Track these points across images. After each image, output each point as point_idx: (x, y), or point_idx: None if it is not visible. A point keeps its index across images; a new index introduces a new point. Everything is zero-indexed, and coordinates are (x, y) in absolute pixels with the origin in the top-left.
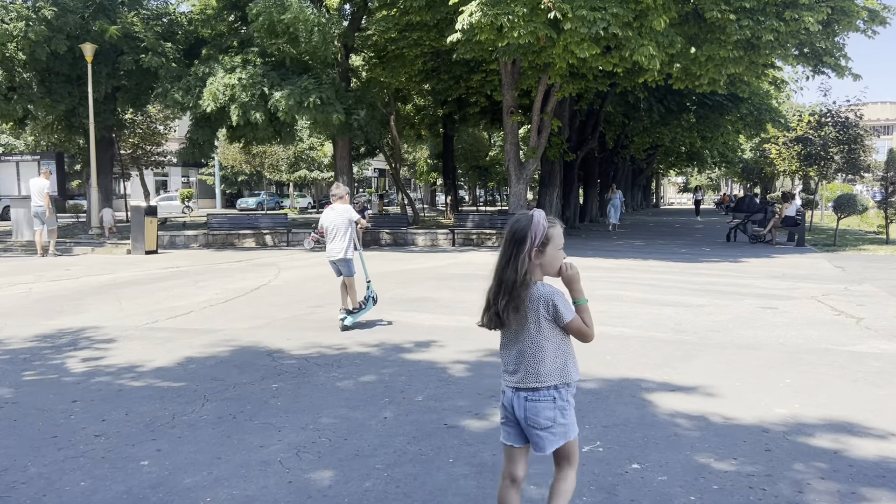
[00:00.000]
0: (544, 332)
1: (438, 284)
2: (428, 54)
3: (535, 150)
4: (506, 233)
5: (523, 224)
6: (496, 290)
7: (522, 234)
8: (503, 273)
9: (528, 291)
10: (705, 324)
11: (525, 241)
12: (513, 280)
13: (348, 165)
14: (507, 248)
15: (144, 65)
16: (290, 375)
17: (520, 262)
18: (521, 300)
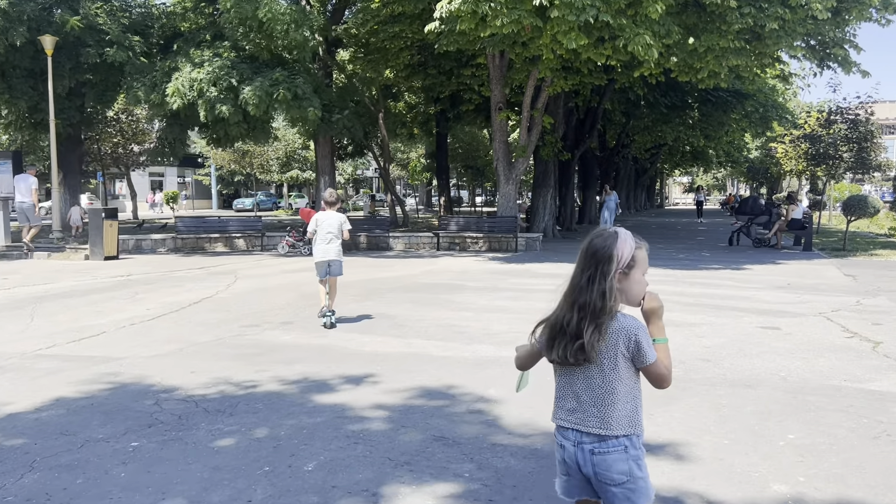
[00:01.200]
0: (619, 372)
1: (402, 297)
2: (412, 47)
3: (526, 148)
4: (585, 248)
5: (608, 241)
6: (577, 316)
7: (608, 253)
8: (583, 296)
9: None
10: (695, 350)
11: (611, 260)
12: (598, 307)
13: (330, 165)
14: (587, 267)
15: (109, 59)
16: (163, 427)
17: (607, 286)
18: (605, 331)
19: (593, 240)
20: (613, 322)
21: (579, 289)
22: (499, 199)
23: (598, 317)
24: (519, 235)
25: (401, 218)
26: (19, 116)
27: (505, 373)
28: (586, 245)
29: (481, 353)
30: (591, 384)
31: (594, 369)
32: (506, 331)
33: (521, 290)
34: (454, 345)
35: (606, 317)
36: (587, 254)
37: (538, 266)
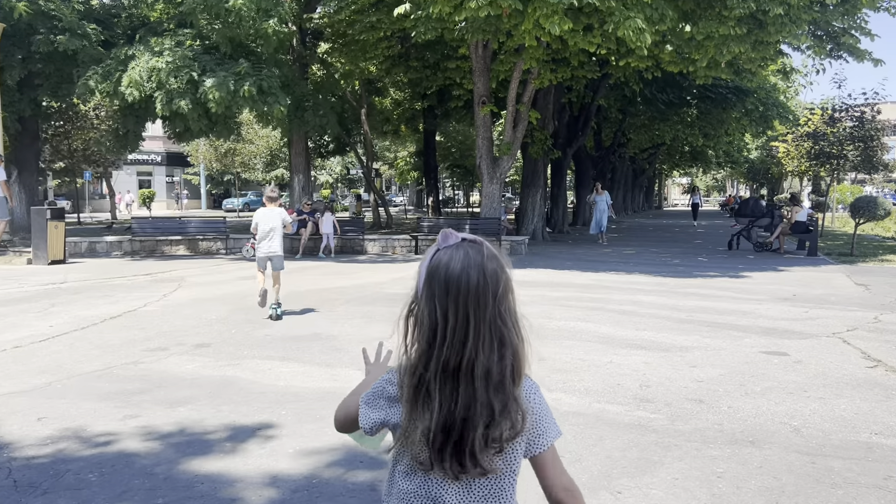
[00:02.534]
0: (512, 468)
1: (355, 311)
2: (392, 38)
3: (511, 145)
4: (450, 285)
5: (491, 266)
6: (460, 405)
7: (494, 282)
8: (467, 364)
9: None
10: (685, 385)
11: (507, 293)
12: (497, 379)
13: (305, 163)
14: (465, 312)
15: (60, 47)
16: None
17: (515, 341)
18: (518, 419)
19: (458, 266)
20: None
21: (454, 354)
22: (482, 200)
23: (504, 400)
24: (503, 238)
25: (384, 219)
26: None
27: None
28: (444, 275)
29: None
30: (471, 495)
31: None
32: None
33: None
34: None
35: (515, 392)
36: (461, 289)
37: (519, 273)
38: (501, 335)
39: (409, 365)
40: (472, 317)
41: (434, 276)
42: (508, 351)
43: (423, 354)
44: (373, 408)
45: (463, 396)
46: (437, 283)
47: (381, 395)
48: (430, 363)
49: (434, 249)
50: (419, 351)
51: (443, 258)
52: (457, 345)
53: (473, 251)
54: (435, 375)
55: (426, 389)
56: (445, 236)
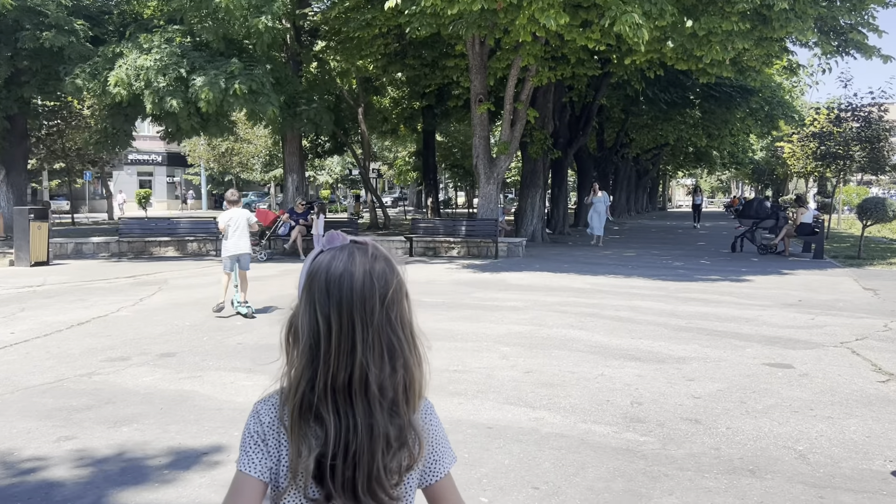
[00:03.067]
0: (408, 501)
1: None
2: (388, 35)
3: (508, 144)
4: (331, 287)
5: (378, 266)
6: (356, 429)
7: (382, 284)
8: (359, 378)
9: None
10: (681, 402)
11: (399, 298)
12: (391, 397)
13: (299, 163)
14: (350, 318)
15: (46, 43)
16: None
17: (407, 353)
18: (416, 448)
19: (340, 270)
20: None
21: (337, 368)
22: (479, 200)
23: (398, 416)
24: (500, 240)
25: (381, 220)
26: None
27: None
28: (324, 278)
29: None
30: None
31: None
32: (439, 368)
33: (484, 306)
34: None
35: (412, 413)
36: (343, 296)
37: (514, 276)
38: (391, 345)
39: (291, 386)
40: (358, 322)
41: (314, 280)
42: (400, 363)
43: (306, 371)
44: (255, 454)
45: (358, 417)
46: (318, 287)
47: (257, 437)
48: (315, 381)
49: (316, 252)
50: (301, 368)
51: (324, 260)
52: (344, 356)
53: (360, 252)
54: (324, 395)
55: (314, 414)
56: (331, 238)
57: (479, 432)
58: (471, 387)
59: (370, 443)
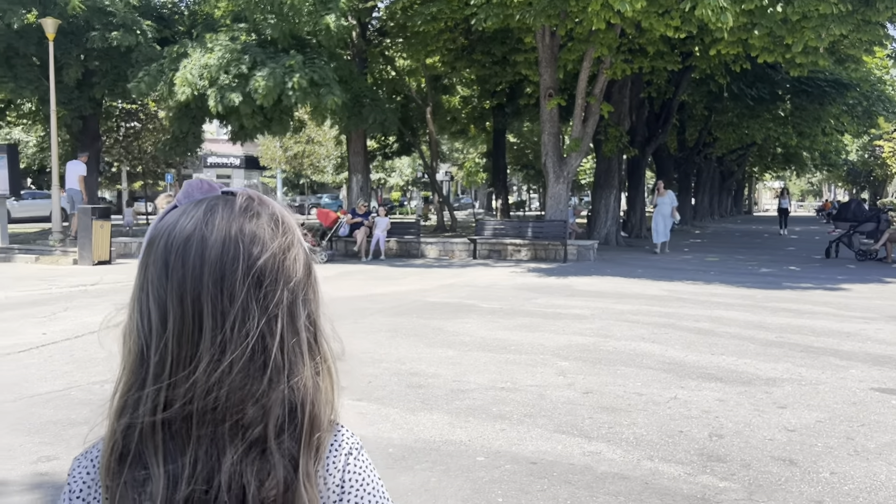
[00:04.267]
0: None
1: (383, 323)
2: (455, 30)
3: (580, 141)
4: (170, 259)
5: (249, 227)
6: (196, 484)
7: (254, 252)
8: (206, 402)
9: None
10: (771, 436)
11: (290, 276)
12: (259, 435)
13: (363, 163)
14: (198, 307)
15: (114, 43)
16: None
17: (296, 360)
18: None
19: (209, 237)
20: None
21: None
22: (547, 201)
23: (270, 464)
24: (569, 243)
25: (448, 223)
26: (36, 108)
27: (440, 483)
28: (187, 248)
29: (421, 431)
30: None
31: None
32: (485, 385)
33: (545, 314)
34: (390, 411)
35: (306, 449)
36: (202, 270)
37: (582, 281)
38: (264, 346)
39: (109, 421)
40: (208, 316)
41: (151, 250)
42: (282, 377)
43: (132, 392)
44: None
45: (202, 468)
46: (154, 259)
47: (78, 500)
48: (140, 405)
49: (167, 209)
50: (126, 388)
51: (170, 220)
52: (183, 363)
53: (224, 207)
54: (150, 429)
55: (137, 459)
56: (189, 188)
57: (521, 469)
58: (518, 409)
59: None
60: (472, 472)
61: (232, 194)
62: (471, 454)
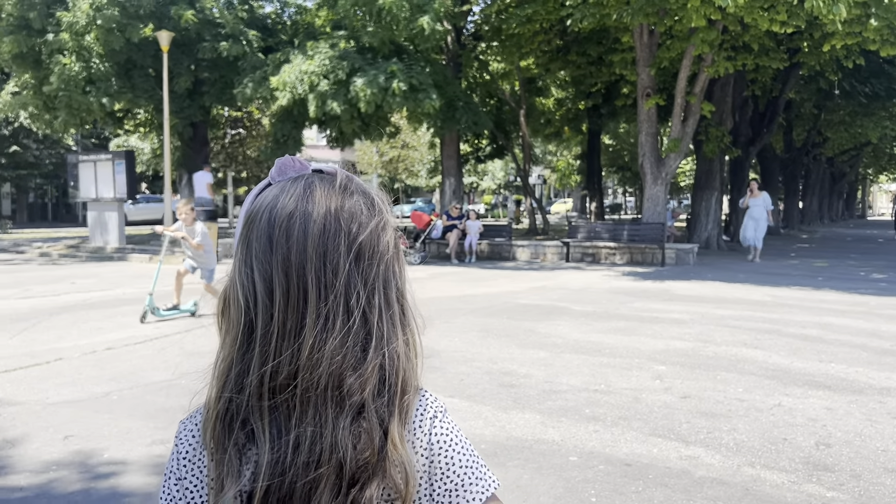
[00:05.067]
0: None
1: (474, 323)
2: (550, 31)
3: (678, 142)
4: (275, 235)
5: (349, 204)
6: (301, 449)
7: (354, 229)
8: (310, 374)
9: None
10: (884, 447)
11: (384, 252)
12: (358, 401)
13: (456, 166)
14: (303, 282)
15: (223, 54)
16: None
17: (389, 332)
18: (400, 477)
19: (295, 205)
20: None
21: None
22: (644, 203)
23: (367, 431)
24: (667, 246)
25: (541, 225)
26: (151, 117)
27: (532, 481)
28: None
29: (513, 429)
30: None
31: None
32: (577, 386)
33: (641, 318)
34: (482, 409)
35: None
36: (296, 228)
37: (681, 285)
38: (365, 319)
39: (215, 388)
40: (313, 286)
41: (253, 226)
42: (379, 348)
43: (236, 364)
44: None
45: (306, 433)
46: (257, 235)
47: (173, 478)
48: (245, 379)
49: (262, 186)
50: (230, 360)
51: (269, 196)
52: (290, 336)
53: (323, 184)
54: (257, 397)
55: (243, 428)
56: (282, 166)
57: (615, 470)
58: (612, 411)
59: (323, 469)
60: (565, 472)
61: (322, 172)
62: (563, 454)
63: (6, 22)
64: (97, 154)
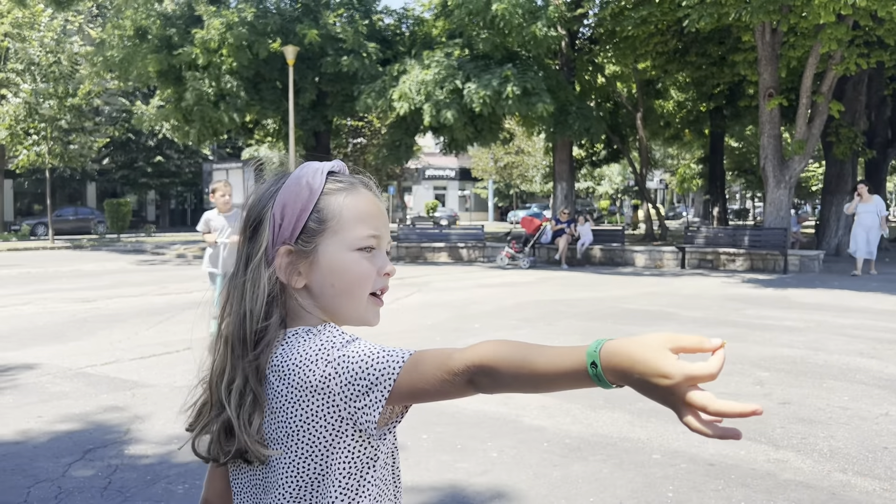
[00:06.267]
0: (308, 483)
1: (575, 326)
2: (667, 33)
3: (804, 144)
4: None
5: (262, 191)
6: (222, 362)
7: (258, 216)
8: (224, 318)
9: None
10: None
11: (261, 228)
12: (237, 331)
13: (568, 171)
14: (238, 254)
15: (344, 68)
16: None
17: (247, 286)
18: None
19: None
20: (287, 355)
21: (224, 299)
22: (765, 207)
23: (242, 353)
24: (791, 253)
25: (658, 231)
26: (279, 127)
27: (612, 474)
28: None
29: (600, 426)
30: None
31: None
32: None
33: (752, 325)
34: (572, 406)
35: (259, 349)
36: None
37: (801, 293)
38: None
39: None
40: None
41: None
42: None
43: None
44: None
45: None
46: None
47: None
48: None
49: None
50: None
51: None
52: None
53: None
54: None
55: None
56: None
57: (697, 469)
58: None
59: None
60: (646, 468)
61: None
62: (647, 451)
63: (152, 43)
64: (230, 163)
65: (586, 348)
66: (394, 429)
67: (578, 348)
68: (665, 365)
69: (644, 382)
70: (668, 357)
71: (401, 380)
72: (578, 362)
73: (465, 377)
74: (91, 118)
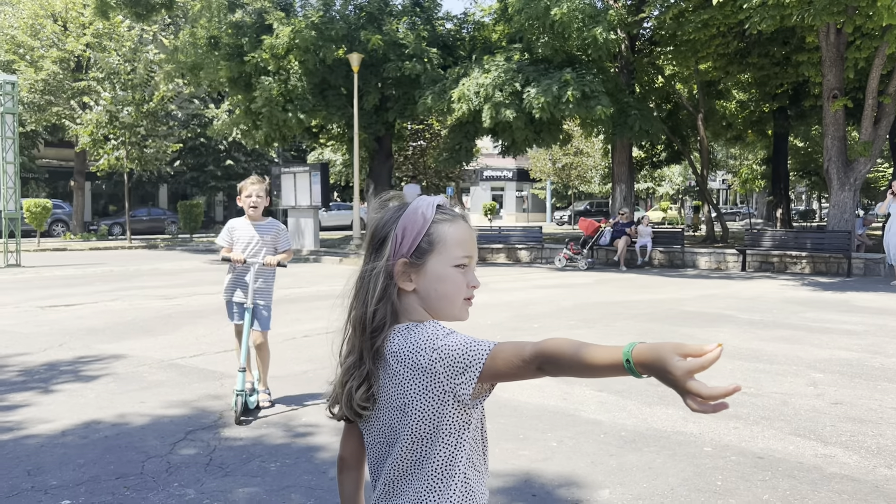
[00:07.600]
0: (420, 439)
1: (632, 328)
2: (728, 34)
3: (869, 145)
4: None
5: (388, 214)
6: (349, 344)
7: (382, 234)
8: (352, 310)
9: (382, 342)
10: None
11: (385, 244)
12: (360, 319)
13: (627, 173)
14: (364, 263)
15: (406, 73)
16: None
17: (371, 286)
18: (371, 362)
19: (373, 217)
20: (395, 343)
21: (352, 298)
22: (830, 209)
23: (362, 338)
24: (855, 256)
25: (719, 233)
26: (343, 131)
27: (664, 464)
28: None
29: (654, 421)
30: (390, 459)
31: (385, 432)
32: None
33: (810, 328)
34: (627, 402)
35: (373, 334)
36: (366, 237)
37: (863, 296)
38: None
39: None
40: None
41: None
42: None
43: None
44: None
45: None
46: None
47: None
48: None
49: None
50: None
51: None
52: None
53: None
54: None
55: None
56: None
57: (746, 461)
58: (755, 412)
59: (353, 349)
60: (697, 459)
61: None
62: (698, 444)
63: (223, 51)
64: (296, 166)
65: (622, 348)
66: (483, 401)
67: (617, 348)
68: (671, 365)
69: (660, 375)
70: (674, 359)
71: (488, 363)
72: (617, 359)
73: (536, 364)
74: (165, 122)
